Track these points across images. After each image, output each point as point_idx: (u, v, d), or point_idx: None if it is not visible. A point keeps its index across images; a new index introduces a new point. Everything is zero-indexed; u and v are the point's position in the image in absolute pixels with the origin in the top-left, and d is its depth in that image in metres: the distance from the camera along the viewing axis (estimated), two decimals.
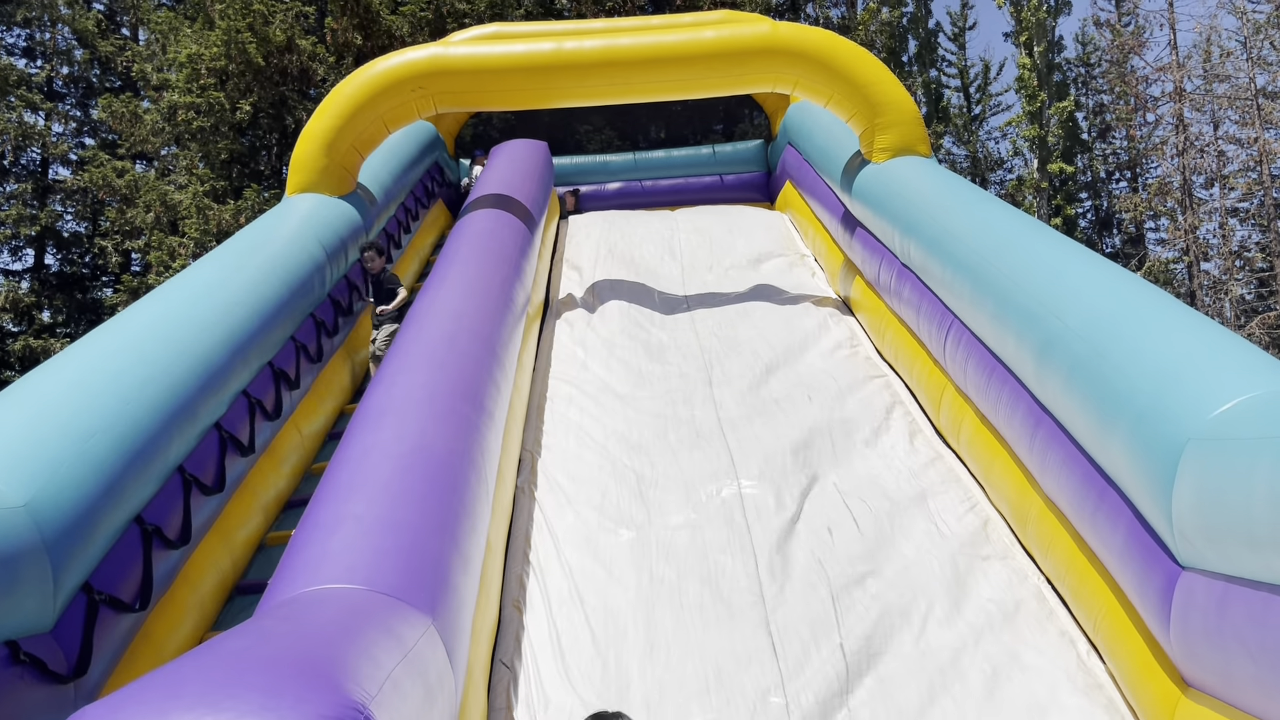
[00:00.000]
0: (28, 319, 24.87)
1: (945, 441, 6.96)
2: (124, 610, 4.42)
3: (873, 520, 5.88)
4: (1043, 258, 5.78)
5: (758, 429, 6.94)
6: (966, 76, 36.96)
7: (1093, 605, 4.75)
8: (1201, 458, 3.69)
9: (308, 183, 8.79)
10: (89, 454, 4.40)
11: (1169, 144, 32.34)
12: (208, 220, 17.98)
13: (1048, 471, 5.17)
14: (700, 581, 5.30)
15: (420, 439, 4.71)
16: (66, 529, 4.03)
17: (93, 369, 4.98)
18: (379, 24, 18.13)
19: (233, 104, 18.31)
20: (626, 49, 8.91)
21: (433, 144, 12.89)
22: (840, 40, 9.08)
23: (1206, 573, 3.69)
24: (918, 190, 7.92)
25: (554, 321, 9.13)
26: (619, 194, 14.47)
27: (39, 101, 25.31)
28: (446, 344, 5.95)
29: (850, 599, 5.16)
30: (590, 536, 5.75)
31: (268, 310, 6.70)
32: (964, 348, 6.46)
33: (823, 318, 9.01)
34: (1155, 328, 4.54)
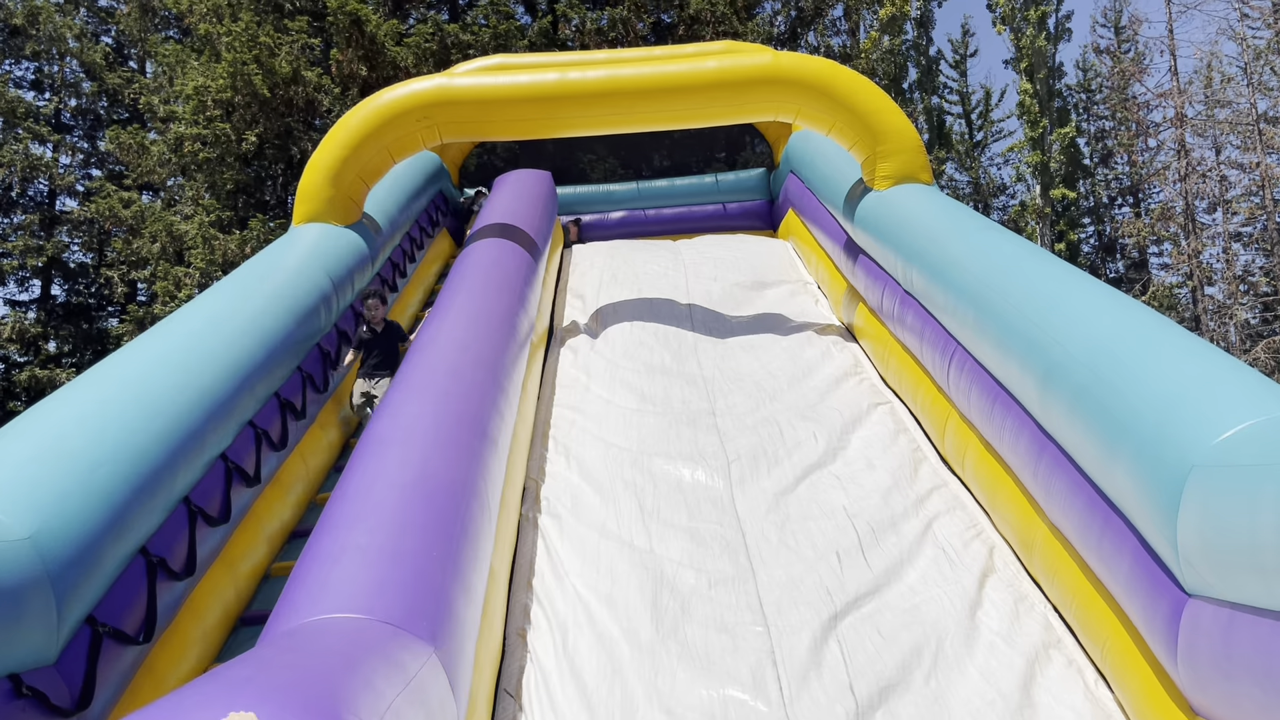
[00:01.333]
0: (34, 349, 24.97)
1: (950, 468, 6.96)
2: (128, 643, 4.41)
3: (879, 549, 5.86)
4: (1045, 285, 5.79)
5: (761, 459, 6.93)
6: (968, 103, 37.19)
7: (1100, 633, 4.73)
8: (1206, 485, 3.68)
9: (314, 213, 8.84)
10: (95, 486, 4.41)
11: (1171, 169, 32.47)
12: (213, 250, 18.10)
13: (1052, 498, 5.16)
14: (705, 612, 5.28)
15: (424, 468, 4.71)
16: (71, 561, 4.03)
17: (99, 400, 4.99)
18: (384, 55, 18.31)
19: (238, 135, 18.47)
20: (629, 79, 8.98)
21: (437, 174, 12.98)
22: (841, 69, 9.14)
23: (1213, 600, 3.67)
24: (920, 217, 7.95)
25: (558, 349, 9.15)
26: (622, 223, 14.53)
27: (47, 133, 25.53)
28: (451, 372, 5.96)
29: (858, 632, 5.14)
30: (593, 565, 5.73)
31: (274, 341, 6.72)
32: (967, 374, 6.47)
33: (826, 345, 9.02)
34: (1158, 354, 4.54)
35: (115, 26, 27.57)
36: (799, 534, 6.05)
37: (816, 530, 6.08)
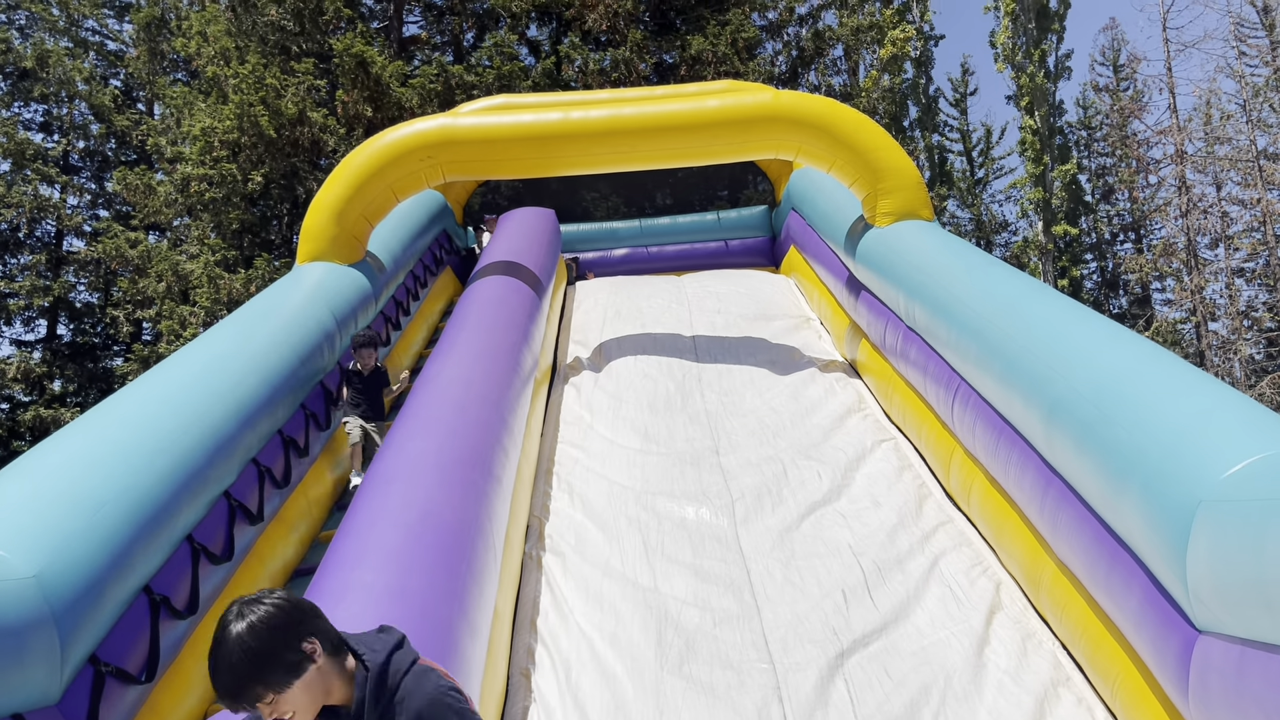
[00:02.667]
0: (39, 389, 24.99)
1: (955, 505, 6.92)
2: (130, 682, 4.38)
3: (885, 587, 5.82)
4: (1048, 320, 5.80)
5: (765, 497, 6.91)
6: (969, 141, 37.43)
7: (1109, 671, 4.68)
8: (1214, 520, 3.66)
9: (318, 251, 8.89)
10: (99, 524, 4.39)
11: (1172, 205, 32.61)
12: (218, 289, 18.18)
13: (1059, 534, 5.13)
14: (710, 649, 5.24)
15: (428, 505, 4.70)
16: (75, 600, 4.01)
17: (103, 439, 4.99)
18: (389, 96, 18.49)
19: (244, 175, 18.61)
20: (632, 118, 9.06)
21: (441, 212, 13.05)
22: (841, 107, 9.22)
23: (1224, 636, 3.64)
24: (922, 253, 7.98)
25: (561, 385, 9.16)
26: (625, 260, 14.60)
27: (55, 175, 25.73)
28: (456, 408, 5.97)
29: (865, 670, 5.09)
30: (597, 603, 5.70)
31: (278, 379, 6.73)
32: (972, 410, 6.46)
33: (829, 381, 9.02)
34: (1163, 389, 4.53)
35: (124, 70, 27.88)
36: (804, 571, 6.01)
37: (822, 568, 6.04)
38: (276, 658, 2.15)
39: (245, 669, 2.12)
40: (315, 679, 2.22)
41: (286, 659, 2.16)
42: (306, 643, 2.20)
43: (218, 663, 2.13)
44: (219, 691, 2.14)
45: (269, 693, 2.15)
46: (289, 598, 2.25)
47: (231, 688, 2.13)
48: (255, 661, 2.12)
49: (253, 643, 2.12)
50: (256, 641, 2.13)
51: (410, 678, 2.32)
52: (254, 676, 2.13)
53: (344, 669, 2.30)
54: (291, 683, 2.17)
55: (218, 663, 2.13)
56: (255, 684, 2.14)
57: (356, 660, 2.35)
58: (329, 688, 2.27)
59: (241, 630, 2.13)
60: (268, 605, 2.19)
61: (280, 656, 2.15)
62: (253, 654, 2.12)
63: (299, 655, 2.18)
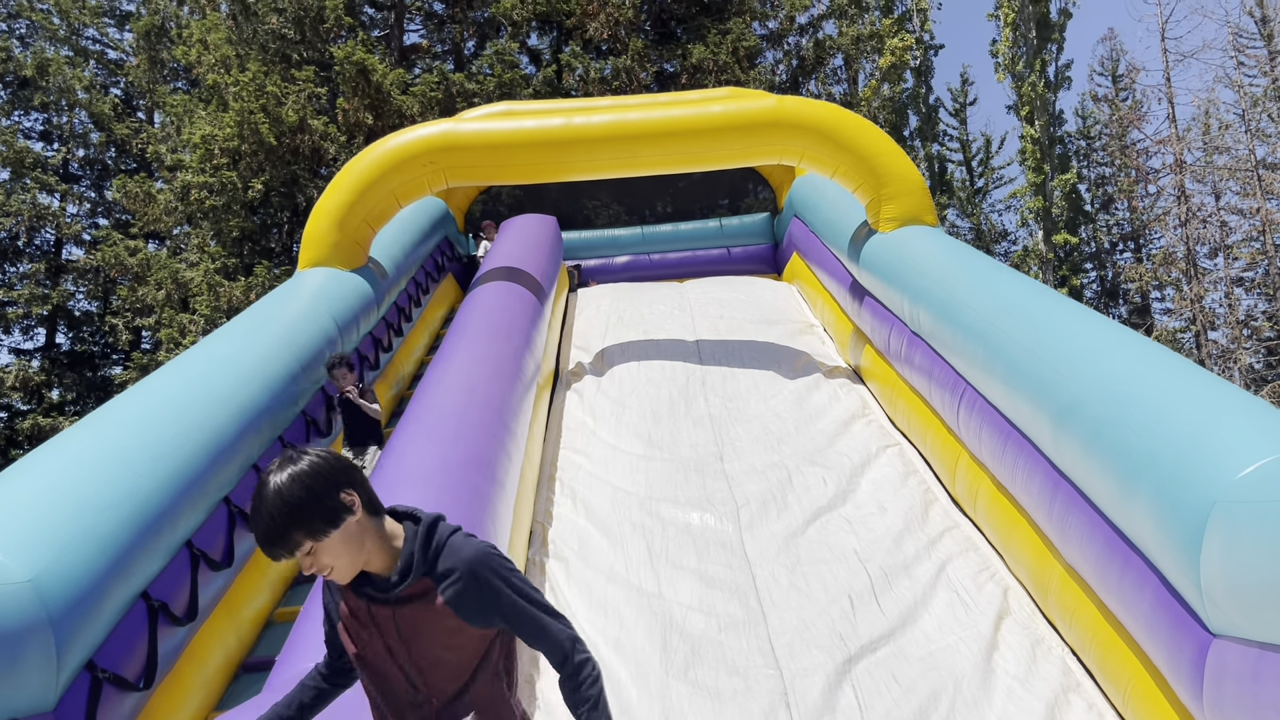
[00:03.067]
0: (37, 398, 24.93)
1: (961, 510, 6.87)
2: (128, 689, 4.32)
3: (891, 592, 5.77)
4: (1055, 322, 5.75)
5: (770, 503, 6.86)
6: (968, 150, 37.45)
7: (1121, 676, 4.62)
8: (1229, 521, 3.61)
9: (320, 257, 8.84)
10: (97, 529, 4.34)
11: (1171, 215, 32.62)
12: (218, 297, 18.13)
13: (1068, 538, 5.07)
14: (716, 655, 5.18)
15: (431, 510, 4.64)
16: (72, 605, 3.96)
17: (103, 443, 4.94)
18: (390, 104, 18.46)
19: (245, 183, 18.58)
20: (635, 123, 9.03)
21: (443, 219, 13.01)
22: (845, 113, 9.19)
23: (1239, 640, 3.58)
24: (926, 258, 7.94)
25: (563, 392, 9.11)
26: (627, 267, 14.56)
27: (54, 183, 25.70)
28: (458, 414, 5.92)
29: (873, 676, 5.03)
30: (601, 609, 5.64)
31: (279, 384, 6.68)
32: (978, 414, 6.41)
33: (834, 387, 8.97)
34: (1174, 390, 4.48)
35: (124, 78, 27.89)
36: (810, 577, 5.96)
37: (828, 573, 5.99)
38: (315, 505, 2.15)
39: (284, 516, 2.12)
40: (354, 531, 2.22)
41: (325, 507, 2.16)
42: (345, 493, 2.20)
43: (257, 512, 2.13)
44: (258, 539, 2.15)
45: (307, 540, 2.15)
46: (328, 453, 2.24)
47: (271, 534, 2.13)
48: (294, 508, 2.12)
49: (292, 490, 2.12)
50: (296, 489, 2.13)
51: (457, 537, 2.34)
52: (293, 523, 2.13)
53: (383, 533, 2.29)
54: (329, 531, 2.17)
55: (257, 512, 2.13)
56: (294, 530, 2.13)
57: (402, 521, 2.36)
58: (367, 547, 2.26)
59: (281, 480, 2.13)
60: (309, 457, 2.19)
61: (319, 504, 2.15)
62: (292, 501, 2.12)
63: (337, 504, 2.18)
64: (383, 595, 2.31)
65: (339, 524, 2.18)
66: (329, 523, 2.17)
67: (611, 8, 20.31)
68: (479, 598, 2.30)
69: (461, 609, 2.30)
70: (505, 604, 2.33)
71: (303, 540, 2.15)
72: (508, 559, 2.38)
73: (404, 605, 2.31)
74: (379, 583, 2.31)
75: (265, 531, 2.13)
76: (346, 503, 2.20)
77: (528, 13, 20.58)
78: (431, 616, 2.30)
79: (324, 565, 2.20)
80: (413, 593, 2.30)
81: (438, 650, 2.33)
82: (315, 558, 2.19)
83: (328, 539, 2.18)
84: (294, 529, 2.14)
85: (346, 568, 2.25)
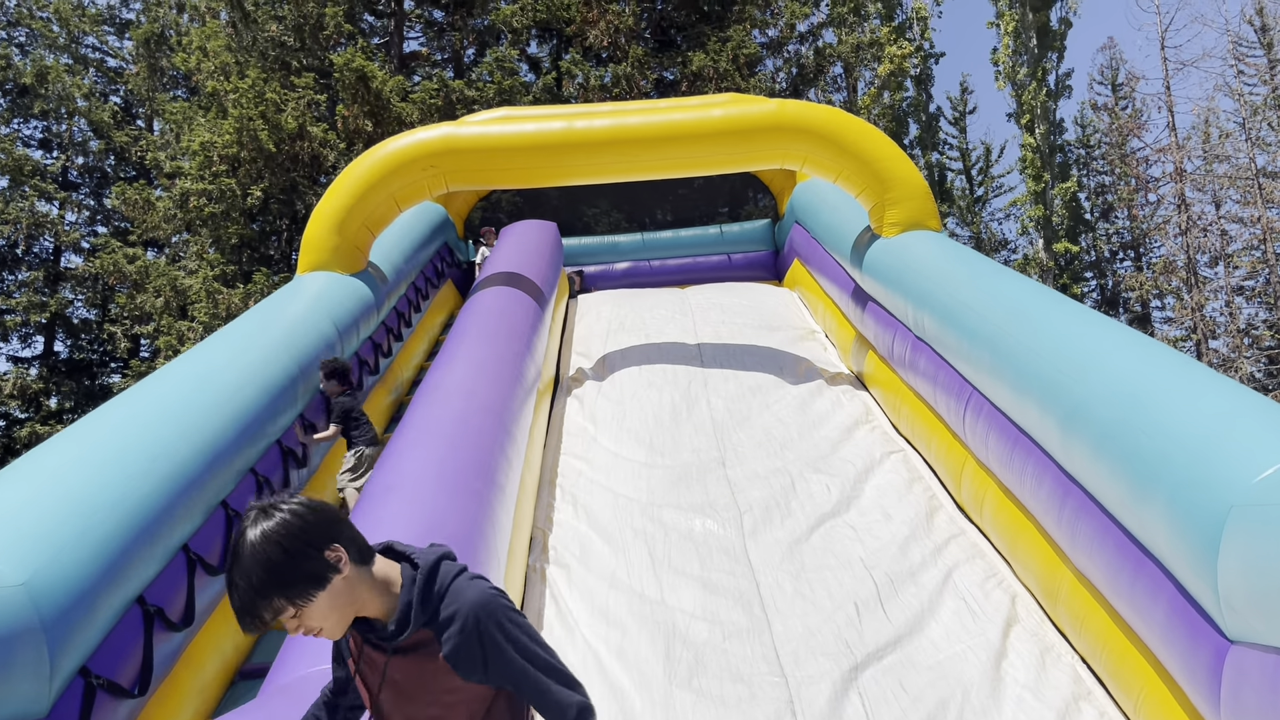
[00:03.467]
0: (35, 405, 24.84)
1: (967, 516, 6.79)
2: (122, 696, 4.23)
3: (898, 600, 5.69)
4: (1062, 325, 5.68)
5: (774, 509, 6.78)
6: (968, 159, 37.46)
7: (1133, 685, 4.54)
8: (1247, 525, 3.53)
9: (319, 262, 8.78)
10: (92, 532, 4.27)
11: (1172, 223, 32.60)
12: (217, 304, 18.07)
13: (1078, 544, 4.99)
14: (720, 662, 5.10)
15: (430, 516, 4.57)
16: (65, 610, 3.88)
17: (99, 446, 4.87)
18: (389, 111, 18.43)
19: (244, 190, 18.53)
20: (636, 127, 8.97)
21: (443, 225, 12.96)
22: (847, 116, 9.14)
23: (1259, 646, 3.50)
24: (930, 262, 7.88)
25: (564, 398, 9.03)
26: (627, 274, 14.49)
27: (53, 191, 25.66)
28: (458, 419, 5.84)
29: (879, 684, 4.95)
30: (603, 616, 5.56)
31: (277, 388, 6.61)
32: (984, 419, 6.33)
33: (836, 393, 8.90)
34: (1186, 392, 4.40)
35: (124, 86, 27.87)
36: (815, 584, 5.88)
37: (833, 580, 5.91)
38: (296, 569, 1.93)
39: (262, 584, 1.90)
40: (342, 589, 2.00)
41: (308, 569, 1.95)
42: (330, 550, 1.98)
43: (234, 577, 1.91)
44: (235, 609, 1.93)
45: (290, 606, 1.94)
46: (309, 502, 2.02)
47: (247, 605, 1.91)
48: (273, 573, 1.90)
49: (270, 553, 1.90)
50: (273, 551, 1.91)
51: (461, 580, 2.11)
52: (272, 589, 1.91)
53: (374, 579, 2.08)
54: (315, 594, 1.96)
55: (234, 577, 1.91)
56: (274, 598, 1.92)
57: (403, 562, 2.15)
58: (358, 599, 2.05)
59: (256, 539, 1.91)
60: (283, 514, 1.95)
61: (300, 566, 1.94)
62: (270, 565, 1.90)
63: (322, 564, 1.96)
64: (379, 641, 2.13)
65: (325, 586, 1.97)
66: (314, 585, 1.96)
67: (612, 15, 20.31)
68: (478, 651, 2.08)
69: (459, 664, 2.08)
70: (505, 661, 2.10)
71: (285, 606, 1.94)
72: (515, 608, 2.16)
73: (400, 656, 2.12)
74: (377, 628, 2.13)
75: (242, 602, 1.91)
76: (332, 560, 1.99)
77: (528, 20, 20.58)
78: (429, 671, 2.10)
79: (311, 628, 2.00)
80: (412, 643, 2.11)
81: (432, 710, 2.13)
82: (301, 621, 1.98)
83: (313, 602, 1.97)
84: (274, 596, 1.92)
85: (336, 626, 2.04)
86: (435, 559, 2.14)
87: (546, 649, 2.17)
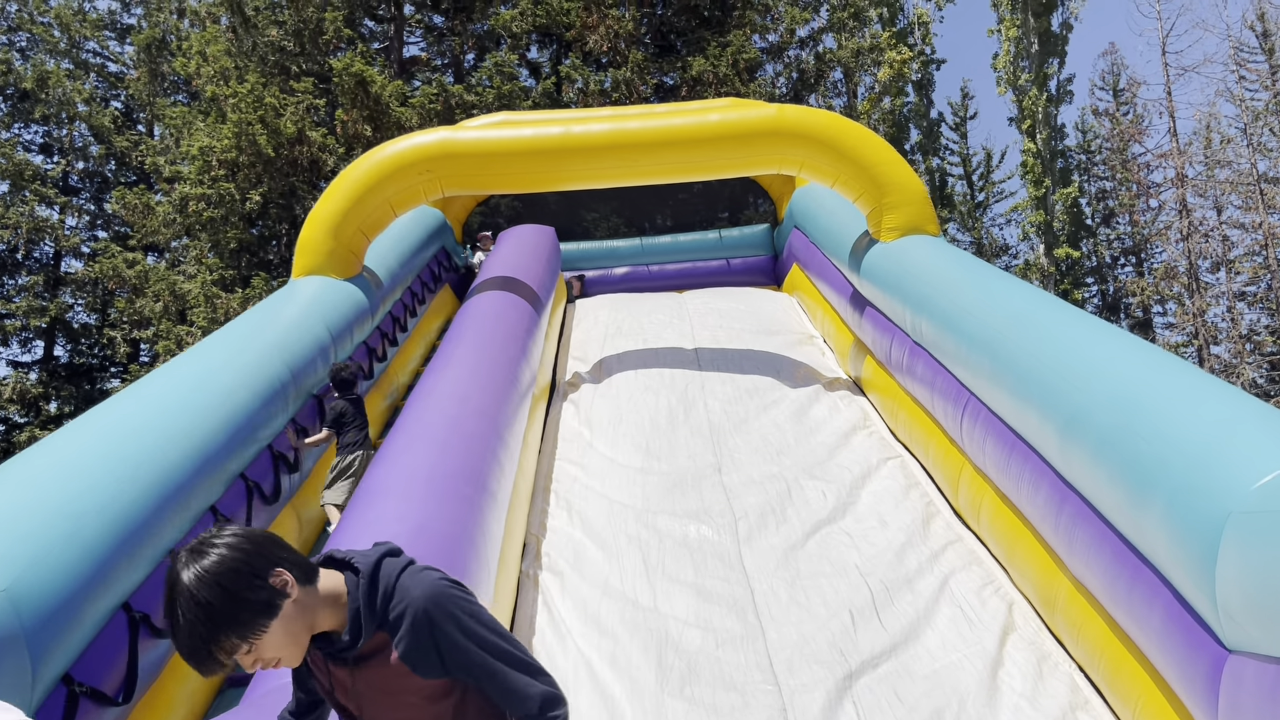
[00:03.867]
0: (35, 410, 24.81)
1: (964, 523, 6.73)
2: (106, 704, 4.18)
3: (893, 607, 5.63)
4: (1062, 330, 5.63)
5: (769, 515, 6.72)
6: (969, 165, 37.43)
7: (1131, 694, 4.48)
8: (1246, 532, 3.48)
9: (314, 265, 8.74)
10: (77, 537, 4.22)
11: (1173, 229, 32.54)
12: (215, 309, 18.03)
13: (1075, 551, 4.93)
14: (713, 670, 5.04)
15: (419, 520, 4.52)
16: (48, 616, 3.83)
17: (86, 450, 4.82)
18: (388, 115, 18.40)
19: (243, 194, 18.50)
20: (633, 132, 8.93)
21: (440, 230, 12.92)
22: (845, 121, 9.09)
23: (1257, 656, 3.44)
24: (929, 267, 7.83)
25: (560, 403, 8.98)
26: (626, 278, 14.45)
27: (54, 196, 25.65)
28: (450, 423, 5.79)
29: (874, 693, 4.89)
30: (595, 623, 5.50)
31: (269, 393, 6.57)
32: (982, 425, 6.27)
33: (834, 398, 8.84)
34: (1185, 398, 4.35)
35: (125, 91, 27.86)
36: (810, 591, 5.82)
37: (828, 587, 5.85)
38: (244, 602, 1.84)
39: (205, 625, 1.79)
40: (294, 614, 1.91)
41: (256, 600, 1.85)
42: (274, 576, 1.89)
43: (174, 625, 1.81)
44: (185, 657, 1.83)
45: (243, 643, 1.85)
46: (242, 531, 1.93)
47: (198, 649, 1.81)
48: (219, 612, 1.80)
49: (210, 594, 1.80)
50: (214, 592, 1.80)
51: (406, 576, 2.01)
52: (222, 629, 1.81)
53: (322, 595, 1.99)
54: (267, 624, 1.87)
55: (174, 625, 1.81)
56: (224, 637, 1.82)
57: (345, 570, 2.07)
58: (311, 620, 1.97)
59: (192, 582, 1.79)
60: (219, 547, 1.85)
61: (247, 599, 1.84)
62: (213, 606, 1.80)
63: (269, 592, 1.87)
64: (340, 655, 2.05)
65: (277, 613, 1.88)
66: (265, 616, 1.87)
67: (611, 20, 20.29)
68: (431, 647, 1.99)
69: (417, 664, 1.99)
70: (460, 652, 2.00)
71: (238, 644, 1.85)
72: (469, 597, 2.06)
73: (362, 666, 2.04)
74: (335, 642, 2.05)
75: (191, 648, 1.81)
76: (279, 586, 1.89)
77: (528, 25, 20.55)
78: (391, 675, 2.02)
79: (268, 660, 1.91)
80: (369, 650, 2.03)
81: (403, 713, 2.05)
82: (257, 654, 1.89)
83: (266, 633, 1.88)
84: (223, 636, 1.82)
85: (293, 652, 1.96)
86: (375, 560, 2.05)
87: (506, 637, 2.05)
